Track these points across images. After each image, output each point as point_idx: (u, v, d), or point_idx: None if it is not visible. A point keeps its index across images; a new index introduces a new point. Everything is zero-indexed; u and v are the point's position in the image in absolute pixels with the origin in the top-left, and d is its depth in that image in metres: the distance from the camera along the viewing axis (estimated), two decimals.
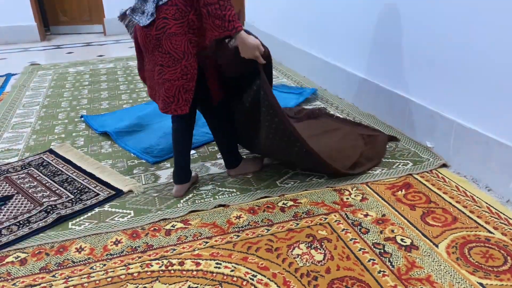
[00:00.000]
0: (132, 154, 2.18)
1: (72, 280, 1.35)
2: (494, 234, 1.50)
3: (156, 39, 1.52)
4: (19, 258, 1.46)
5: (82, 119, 2.69)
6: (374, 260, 1.39)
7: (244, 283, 1.31)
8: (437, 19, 1.96)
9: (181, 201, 1.75)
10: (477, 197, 1.71)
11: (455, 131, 1.91)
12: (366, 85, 2.58)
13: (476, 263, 1.36)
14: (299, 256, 1.42)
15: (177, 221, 1.63)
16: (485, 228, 1.53)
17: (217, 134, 1.86)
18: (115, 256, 1.46)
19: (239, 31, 1.50)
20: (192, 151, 2.19)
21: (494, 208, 1.64)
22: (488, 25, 1.69)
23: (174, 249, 1.48)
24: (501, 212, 1.61)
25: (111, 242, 1.53)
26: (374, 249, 1.44)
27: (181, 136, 1.75)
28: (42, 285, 1.33)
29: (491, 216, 1.59)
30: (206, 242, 1.51)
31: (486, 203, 1.67)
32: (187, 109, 1.59)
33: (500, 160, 1.71)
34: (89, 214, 1.69)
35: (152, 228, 1.59)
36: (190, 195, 1.79)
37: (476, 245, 1.45)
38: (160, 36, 1.50)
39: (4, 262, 1.44)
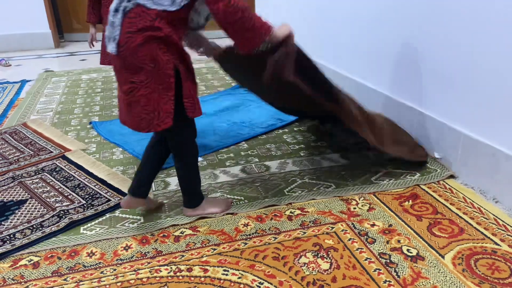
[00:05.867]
0: None
1: (83, 284, 1.38)
2: (501, 246, 1.50)
3: (122, 57, 1.39)
4: (32, 262, 1.50)
5: (91, 125, 2.76)
6: (380, 270, 1.41)
7: None
8: (445, 30, 1.98)
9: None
10: (484, 208, 1.72)
11: (463, 142, 1.92)
12: (375, 95, 2.59)
13: (482, 275, 1.37)
14: (306, 265, 1.44)
15: (186, 228, 1.66)
16: (492, 240, 1.54)
17: (180, 161, 1.65)
18: (125, 261, 1.49)
19: (271, 29, 1.43)
20: (201, 159, 2.22)
21: (501, 220, 1.64)
22: (496, 37, 1.71)
23: (183, 255, 1.50)
24: (508, 224, 1.62)
25: (121, 247, 1.56)
26: (380, 259, 1.46)
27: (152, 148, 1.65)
28: None
29: (498, 228, 1.60)
30: (214, 249, 1.53)
31: (493, 214, 1.68)
32: (171, 121, 1.43)
33: (507, 172, 1.71)
34: (100, 219, 1.73)
35: (161, 234, 1.62)
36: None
37: (483, 257, 1.45)
38: (124, 52, 1.37)
39: (17, 265, 1.48)
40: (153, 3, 1.34)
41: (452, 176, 1.97)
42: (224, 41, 1.59)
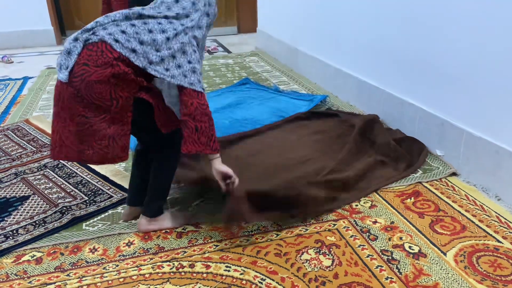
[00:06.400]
0: None
1: (85, 280, 1.39)
2: (503, 243, 1.50)
3: (74, 88, 1.32)
4: (35, 257, 1.51)
5: None
6: (382, 266, 1.41)
7: (253, 286, 1.34)
8: (448, 28, 1.98)
9: (192, 204, 1.79)
10: (487, 206, 1.72)
11: (465, 140, 1.92)
12: (377, 92, 2.59)
13: (484, 272, 1.37)
14: (308, 261, 1.44)
15: (188, 224, 1.66)
16: (494, 237, 1.54)
17: (160, 168, 1.58)
18: (127, 257, 1.49)
19: (219, 153, 1.49)
20: None
21: (503, 217, 1.64)
22: (498, 34, 1.70)
23: (185, 252, 1.51)
24: (510, 222, 1.62)
25: (123, 243, 1.57)
26: (382, 256, 1.46)
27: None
28: (57, 283, 1.38)
29: (500, 226, 1.60)
30: (216, 245, 1.53)
31: (496, 212, 1.68)
32: (127, 156, 1.41)
33: (510, 170, 1.71)
34: (103, 215, 1.73)
35: (163, 231, 1.63)
36: (201, 199, 1.82)
37: (485, 254, 1.45)
38: (79, 84, 1.31)
39: (20, 261, 1.49)
40: (119, 46, 1.32)
41: (454, 174, 1.97)
42: (227, 38, 1.57)
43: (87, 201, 1.82)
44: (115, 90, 1.33)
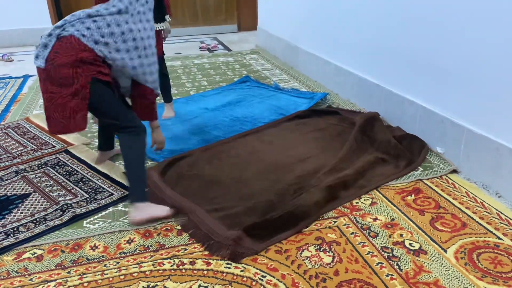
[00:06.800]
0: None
1: (86, 277, 1.39)
2: (503, 240, 1.50)
3: (47, 70, 1.61)
4: (36, 255, 1.51)
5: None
6: (382, 263, 1.41)
7: (254, 283, 1.34)
8: (448, 26, 1.97)
9: None
10: (487, 203, 1.72)
11: (466, 137, 1.92)
12: (378, 90, 2.59)
13: (485, 269, 1.37)
14: (308, 258, 1.44)
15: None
16: (494, 234, 1.54)
17: (128, 150, 1.72)
18: (128, 254, 1.49)
19: (157, 120, 1.93)
20: None
21: (504, 214, 1.64)
22: (499, 32, 1.70)
23: (186, 249, 1.51)
24: (510, 219, 1.61)
25: (124, 240, 1.57)
26: (383, 252, 1.46)
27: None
28: (57, 281, 1.38)
29: (500, 223, 1.60)
30: None
31: (496, 209, 1.68)
32: (85, 125, 1.67)
33: (510, 167, 1.71)
34: (103, 213, 1.74)
35: (164, 228, 1.63)
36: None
37: (485, 251, 1.45)
38: (49, 68, 1.60)
39: (21, 258, 1.49)
40: (85, 40, 1.62)
41: (454, 171, 1.97)
42: (227, 36, 1.57)
43: (88, 199, 1.82)
44: (76, 71, 1.61)
